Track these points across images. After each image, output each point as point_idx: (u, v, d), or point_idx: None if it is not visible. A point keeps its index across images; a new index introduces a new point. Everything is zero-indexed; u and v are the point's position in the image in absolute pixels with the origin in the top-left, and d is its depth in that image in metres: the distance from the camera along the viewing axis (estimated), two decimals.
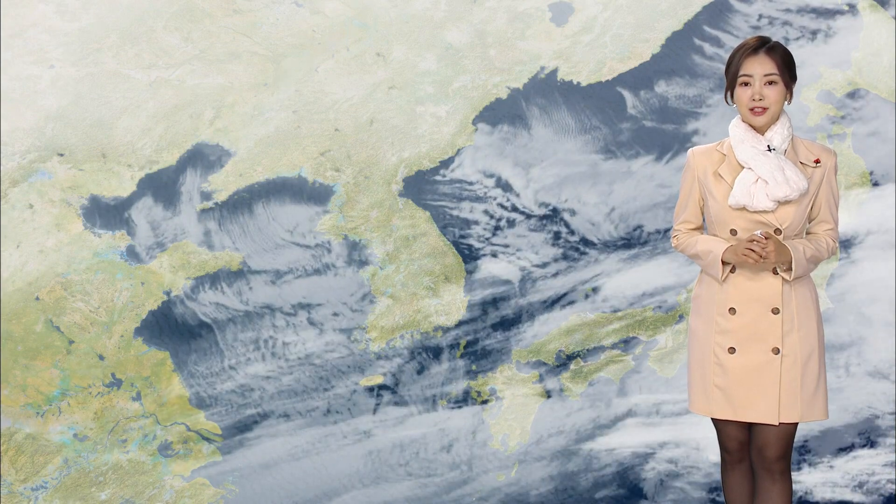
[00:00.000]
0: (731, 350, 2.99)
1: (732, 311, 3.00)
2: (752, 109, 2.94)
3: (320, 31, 4.65)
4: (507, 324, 4.56)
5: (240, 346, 4.49)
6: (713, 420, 3.10)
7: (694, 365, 3.09)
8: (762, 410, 2.96)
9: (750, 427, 3.05)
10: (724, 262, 2.98)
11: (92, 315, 4.43)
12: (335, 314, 4.54)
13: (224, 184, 4.56)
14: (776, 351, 2.94)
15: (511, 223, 4.60)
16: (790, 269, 2.93)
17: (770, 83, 2.92)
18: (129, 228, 4.50)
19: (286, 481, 4.37)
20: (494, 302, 4.57)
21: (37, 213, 4.45)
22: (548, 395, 4.52)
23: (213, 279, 4.51)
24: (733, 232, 2.99)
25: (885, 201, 4.57)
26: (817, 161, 2.96)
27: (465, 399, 4.51)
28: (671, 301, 4.52)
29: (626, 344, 4.54)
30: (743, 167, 2.97)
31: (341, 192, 4.57)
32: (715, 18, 4.67)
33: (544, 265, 4.60)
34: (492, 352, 4.54)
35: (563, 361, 4.54)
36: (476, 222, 4.60)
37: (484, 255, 4.59)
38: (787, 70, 2.94)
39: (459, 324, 4.55)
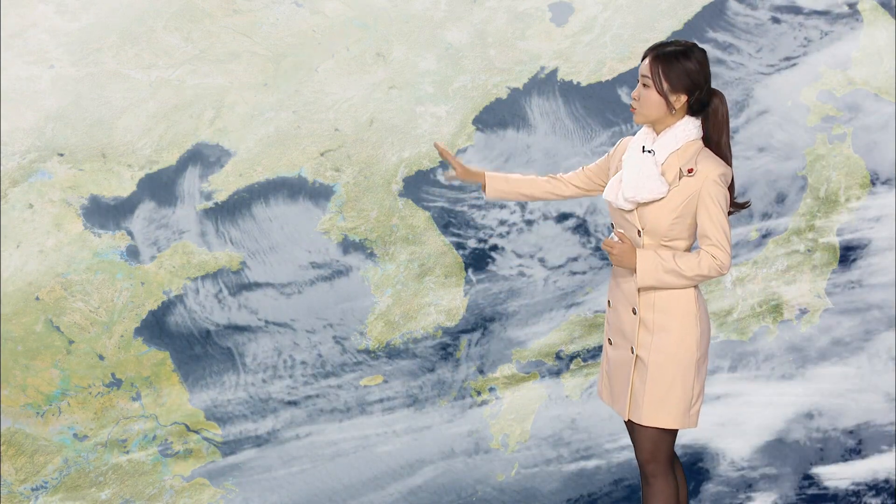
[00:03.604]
0: (609, 341, 3.15)
1: (609, 303, 3.15)
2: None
3: (320, 31, 4.65)
4: (508, 324, 4.56)
5: (238, 348, 4.49)
6: None
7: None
8: (620, 405, 3.11)
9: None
10: None
11: (92, 315, 4.43)
12: (335, 314, 4.54)
13: (224, 184, 4.56)
14: (632, 350, 3.04)
15: (511, 223, 4.60)
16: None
17: (644, 85, 2.97)
18: (129, 228, 4.50)
19: (286, 481, 4.38)
20: (495, 302, 4.57)
21: (37, 213, 4.45)
22: (548, 395, 4.52)
23: (214, 281, 4.51)
24: (612, 225, 3.13)
25: (884, 201, 4.57)
26: (691, 171, 2.92)
27: (465, 399, 4.51)
28: None
29: None
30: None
31: (341, 192, 4.58)
32: (715, 18, 4.67)
33: (545, 265, 4.60)
34: (492, 352, 4.54)
35: (564, 361, 4.54)
36: (476, 222, 4.60)
37: (484, 254, 4.59)
38: (667, 80, 2.92)
39: (459, 324, 4.55)
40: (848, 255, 4.56)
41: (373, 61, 4.64)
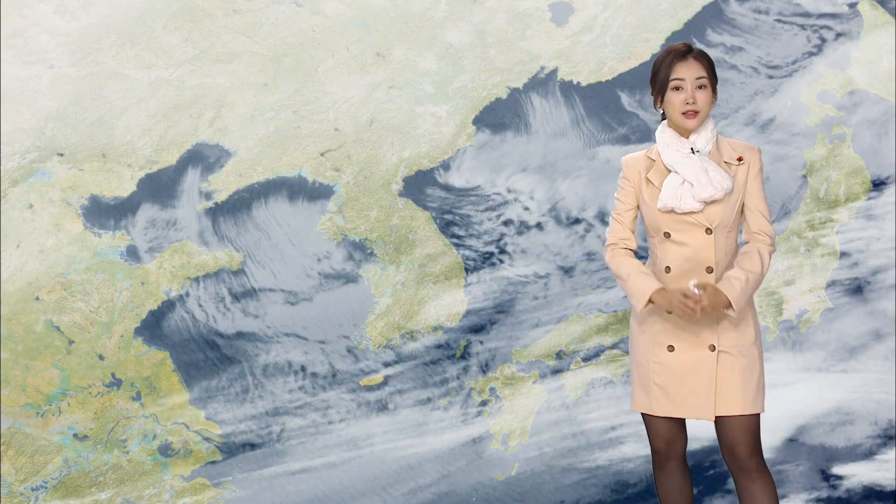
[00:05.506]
0: (671, 348, 3.06)
1: (670, 311, 3.05)
2: (685, 113, 3.03)
3: (320, 31, 4.65)
4: (507, 324, 4.56)
5: (237, 348, 4.50)
6: (643, 417, 3.16)
7: (633, 364, 3.17)
8: (699, 407, 3.04)
9: (717, 430, 3.09)
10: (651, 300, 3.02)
11: (92, 315, 4.43)
12: (334, 314, 4.54)
13: (224, 184, 4.56)
14: (712, 348, 3.01)
15: (510, 222, 4.60)
16: (730, 305, 2.96)
17: (700, 87, 3.03)
18: (129, 228, 4.50)
19: (286, 482, 4.38)
20: (494, 302, 4.57)
21: (37, 213, 4.45)
22: (548, 395, 4.52)
23: (214, 281, 4.51)
24: (667, 235, 3.05)
25: (884, 201, 4.57)
26: (740, 159, 3.05)
27: (465, 399, 4.51)
28: None
29: (626, 344, 4.53)
30: (670, 171, 3.05)
31: (341, 192, 4.57)
32: (715, 19, 4.67)
33: (546, 266, 4.60)
34: (492, 352, 4.54)
35: (564, 361, 4.54)
36: (476, 222, 4.60)
37: (484, 254, 4.59)
38: (713, 75, 3.06)
39: (459, 324, 4.55)
40: (848, 254, 4.56)
41: (373, 61, 4.64)
